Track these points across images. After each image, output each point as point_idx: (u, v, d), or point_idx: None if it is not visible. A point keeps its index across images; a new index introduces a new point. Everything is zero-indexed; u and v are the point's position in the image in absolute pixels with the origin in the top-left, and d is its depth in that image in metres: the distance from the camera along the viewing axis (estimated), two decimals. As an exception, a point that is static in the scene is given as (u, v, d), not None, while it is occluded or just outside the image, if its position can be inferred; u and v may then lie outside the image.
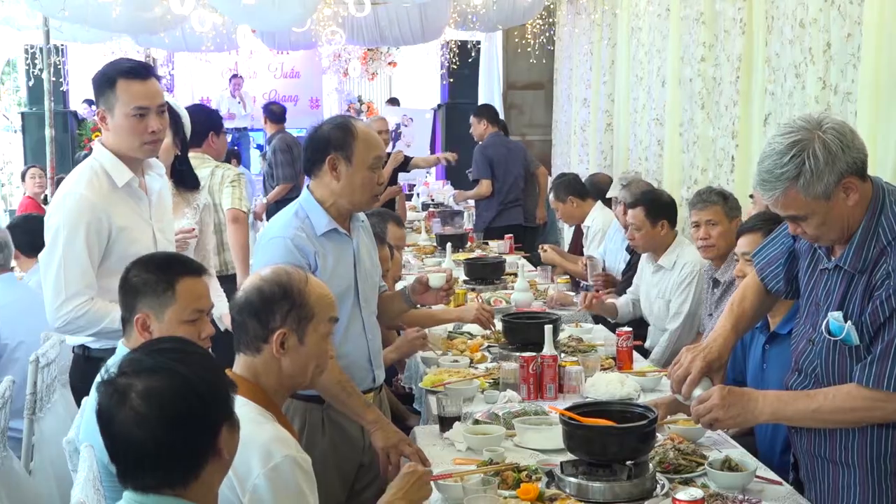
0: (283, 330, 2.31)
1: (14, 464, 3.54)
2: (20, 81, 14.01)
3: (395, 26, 9.63)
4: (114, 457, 1.78)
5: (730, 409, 2.45)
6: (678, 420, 3.09)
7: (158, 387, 1.73)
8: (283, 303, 2.32)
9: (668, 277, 4.68)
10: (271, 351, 2.31)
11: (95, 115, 3.27)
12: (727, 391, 2.47)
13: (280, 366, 2.33)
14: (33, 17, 8.55)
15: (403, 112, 13.43)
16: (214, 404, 1.78)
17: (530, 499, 2.58)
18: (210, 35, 9.04)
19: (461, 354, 4.10)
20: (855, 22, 3.95)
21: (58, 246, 3.12)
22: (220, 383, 1.82)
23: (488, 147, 8.20)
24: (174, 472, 1.75)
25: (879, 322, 2.33)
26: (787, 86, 4.53)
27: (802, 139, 2.30)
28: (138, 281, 2.61)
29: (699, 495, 2.28)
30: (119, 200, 3.21)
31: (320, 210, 3.09)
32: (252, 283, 2.38)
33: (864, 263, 2.36)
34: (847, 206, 2.34)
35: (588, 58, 8.87)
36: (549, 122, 10.64)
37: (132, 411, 1.72)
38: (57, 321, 3.14)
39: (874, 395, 2.34)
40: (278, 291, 2.33)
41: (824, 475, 2.51)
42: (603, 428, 2.66)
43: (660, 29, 6.58)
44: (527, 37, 10.07)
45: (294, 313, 2.32)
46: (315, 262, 3.02)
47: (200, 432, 1.76)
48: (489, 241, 7.49)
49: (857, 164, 2.32)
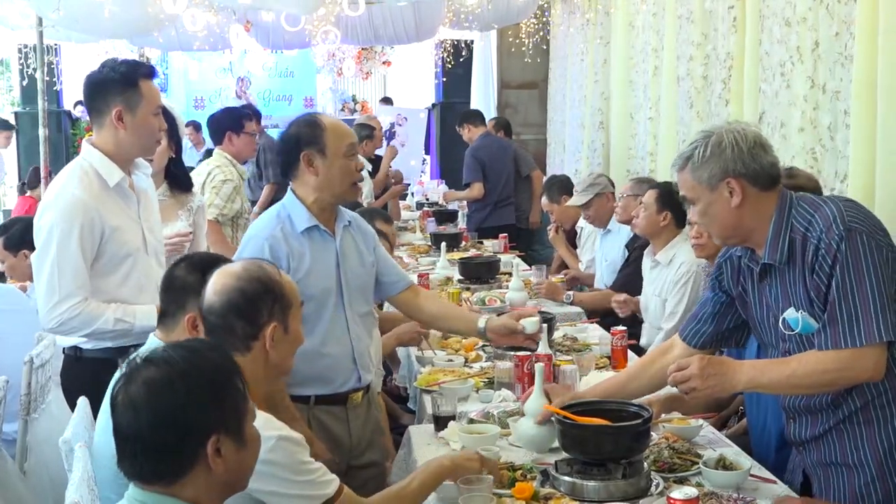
0: (273, 323, 2.33)
1: (8, 465, 3.53)
2: (13, 81, 13.99)
3: (390, 25, 9.63)
4: (115, 439, 1.81)
5: (708, 378, 2.50)
6: (673, 419, 3.09)
7: (156, 377, 1.77)
8: (266, 297, 2.34)
9: (665, 275, 4.68)
10: (262, 346, 2.32)
11: (113, 115, 3.24)
12: (706, 361, 2.52)
13: (267, 358, 2.34)
14: (27, 17, 8.53)
15: (398, 111, 13.41)
16: (206, 408, 1.78)
17: (525, 498, 2.58)
18: (203, 34, 9.02)
19: (456, 353, 4.10)
20: (843, 21, 3.96)
21: (51, 246, 3.11)
22: (222, 390, 1.82)
23: (479, 149, 8.21)
24: (160, 464, 1.77)
25: (823, 293, 2.41)
26: (775, 84, 4.54)
27: (710, 133, 2.55)
28: (193, 280, 2.63)
29: (694, 494, 2.29)
30: (110, 200, 3.22)
31: (302, 207, 3.11)
32: (228, 283, 2.35)
33: (782, 254, 2.48)
34: (729, 206, 2.51)
35: (582, 57, 8.88)
36: (544, 121, 10.64)
37: (129, 396, 1.77)
38: (50, 322, 3.13)
39: (839, 356, 2.40)
40: (260, 287, 2.34)
41: (840, 482, 2.52)
42: (597, 427, 2.66)
43: (655, 28, 6.59)
44: (521, 36, 10.07)
45: (277, 305, 2.35)
46: (287, 265, 3.03)
47: (186, 431, 1.76)
48: (483, 241, 7.49)
49: (747, 170, 2.48)
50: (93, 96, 3.26)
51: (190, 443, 1.77)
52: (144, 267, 3.29)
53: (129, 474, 1.80)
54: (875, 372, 2.39)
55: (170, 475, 1.78)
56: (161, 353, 1.84)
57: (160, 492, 1.79)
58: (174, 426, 1.75)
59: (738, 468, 2.68)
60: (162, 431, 1.75)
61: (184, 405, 1.76)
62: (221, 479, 1.82)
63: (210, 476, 1.80)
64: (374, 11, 9.33)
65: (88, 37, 9.58)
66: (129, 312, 3.18)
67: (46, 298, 3.12)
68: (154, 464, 1.77)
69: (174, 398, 1.76)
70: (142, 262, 3.28)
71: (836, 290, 2.38)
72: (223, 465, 1.80)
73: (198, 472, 1.79)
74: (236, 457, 1.83)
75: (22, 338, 4.04)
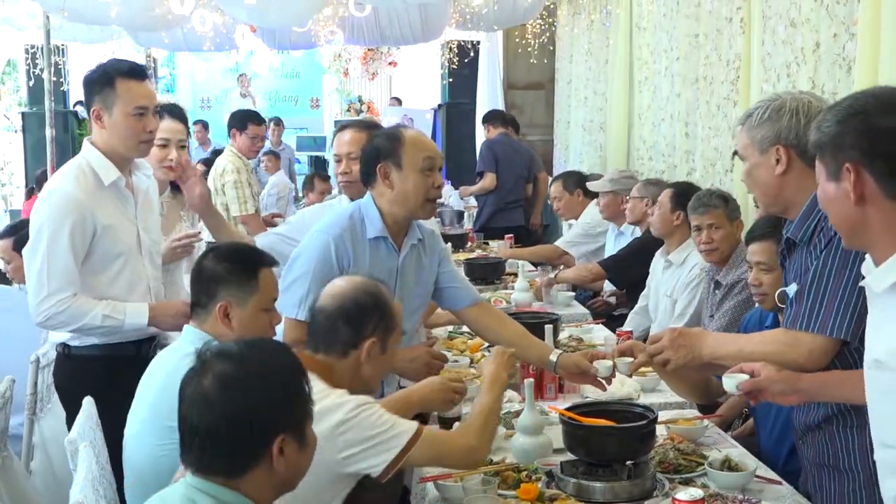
0: (373, 339, 2.44)
1: (15, 464, 3.54)
2: (20, 81, 14.02)
3: (396, 26, 9.63)
4: (180, 429, 1.85)
5: (678, 349, 2.59)
6: (678, 420, 3.09)
7: (231, 373, 1.81)
8: (374, 313, 2.47)
9: (678, 275, 4.69)
10: (358, 357, 2.44)
11: (89, 115, 3.28)
12: (677, 333, 2.63)
13: (359, 372, 2.45)
14: (34, 17, 8.56)
15: (404, 112, 13.43)
16: (277, 408, 1.82)
17: (530, 499, 2.58)
18: (210, 35, 9.03)
19: (461, 354, 4.10)
20: (841, 22, 3.95)
21: (42, 241, 3.13)
22: (292, 392, 1.86)
23: (495, 144, 8.34)
24: (226, 459, 1.80)
25: (809, 272, 2.43)
26: (779, 86, 4.53)
27: (778, 96, 2.53)
28: (221, 269, 2.71)
29: (699, 495, 2.28)
30: (105, 199, 3.22)
31: (377, 215, 3.07)
32: (344, 291, 2.49)
33: (805, 233, 2.47)
34: (773, 172, 2.48)
35: (588, 57, 8.88)
36: (551, 122, 10.64)
37: (201, 390, 1.81)
38: (38, 316, 3.15)
39: (786, 337, 2.45)
40: (370, 302, 2.48)
41: (831, 484, 2.50)
42: (603, 428, 2.66)
43: (664, 28, 6.58)
44: (527, 37, 10.07)
45: (382, 324, 2.48)
46: (345, 267, 3.00)
47: (256, 429, 1.80)
48: (489, 242, 7.49)
49: (798, 141, 2.43)
50: (84, 95, 3.29)
51: (258, 441, 1.80)
52: (136, 266, 3.29)
53: (190, 465, 1.83)
54: (808, 361, 2.39)
55: (233, 470, 1.81)
56: (235, 349, 1.88)
57: (221, 483, 1.81)
58: (245, 423, 1.79)
59: (743, 469, 2.68)
60: (232, 427, 1.78)
61: (257, 404, 1.80)
62: (280, 478, 1.86)
63: (271, 474, 1.83)
64: (380, 12, 9.32)
65: (95, 37, 9.60)
66: (118, 310, 3.18)
67: (35, 292, 3.14)
68: (220, 457, 1.80)
69: (248, 396, 1.80)
70: (133, 262, 3.28)
71: (814, 272, 2.40)
72: (284, 465, 1.84)
73: (260, 469, 1.82)
74: (297, 457, 1.87)
75: (24, 341, 4.05)
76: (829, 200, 1.99)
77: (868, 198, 1.89)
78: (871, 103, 1.93)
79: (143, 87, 3.24)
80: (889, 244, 1.89)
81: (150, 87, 3.30)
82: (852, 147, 1.90)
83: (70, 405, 3.19)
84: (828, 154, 1.96)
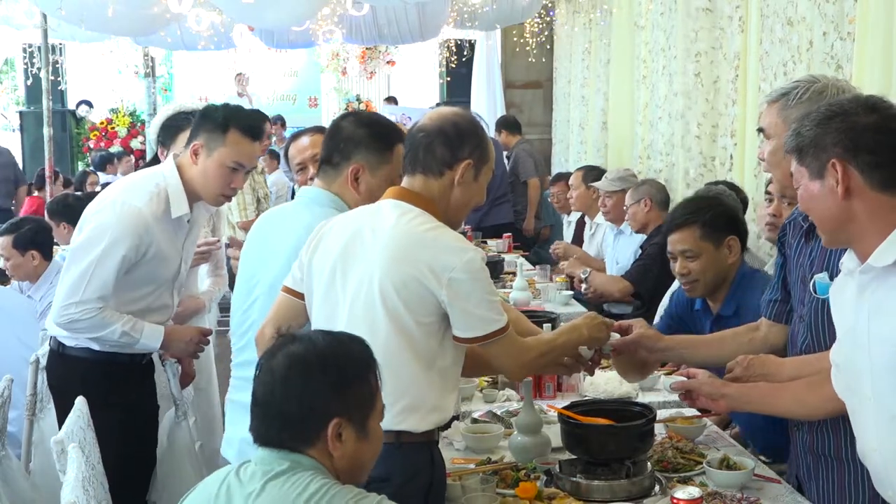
0: (469, 161, 2.44)
1: (13, 463, 3.54)
2: (18, 80, 14.01)
3: (394, 25, 9.63)
4: (251, 402, 1.93)
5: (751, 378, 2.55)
6: (677, 419, 3.10)
7: (297, 353, 1.90)
8: (473, 137, 2.46)
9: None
10: (452, 178, 2.43)
11: (190, 148, 3.19)
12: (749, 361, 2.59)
13: (451, 194, 2.45)
14: (31, 16, 8.55)
15: (402, 111, 13.42)
16: (329, 392, 1.87)
17: (529, 498, 2.58)
18: (208, 34, 9.03)
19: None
20: (831, 21, 3.96)
21: (95, 248, 3.10)
22: (351, 380, 1.91)
23: None
24: (285, 431, 1.87)
25: None
26: (776, 85, 4.54)
27: (817, 79, 2.49)
28: (359, 133, 2.77)
29: (697, 494, 2.28)
30: (167, 229, 3.21)
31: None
32: (447, 114, 2.49)
33: None
34: None
35: (586, 56, 8.88)
36: (549, 121, 10.64)
37: (271, 365, 1.90)
38: (61, 317, 3.13)
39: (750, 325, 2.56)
40: (471, 128, 2.46)
41: (829, 473, 2.49)
42: (601, 427, 2.66)
43: (662, 27, 6.58)
44: (525, 36, 10.08)
45: (479, 150, 2.46)
46: None
47: (309, 408, 1.86)
48: (487, 241, 7.49)
49: None
50: (194, 124, 3.23)
51: (312, 419, 1.87)
52: (163, 295, 3.31)
53: (259, 437, 1.90)
54: None
55: (295, 442, 1.88)
56: (309, 334, 2.00)
57: (290, 450, 1.88)
58: (298, 400, 1.87)
59: (741, 468, 2.68)
60: (288, 402, 1.87)
61: (308, 384, 1.87)
62: (339, 463, 1.90)
63: (329, 457, 1.89)
64: (379, 11, 9.33)
65: (93, 36, 9.59)
66: (136, 329, 3.18)
67: (67, 293, 3.11)
68: (281, 430, 1.88)
69: (304, 376, 1.87)
70: (162, 290, 3.30)
71: None
72: (341, 450, 1.88)
73: (320, 448, 1.88)
74: (355, 446, 1.90)
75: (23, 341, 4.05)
76: (814, 199, 2.06)
77: (854, 191, 1.99)
78: (849, 106, 2.04)
79: (251, 147, 3.19)
80: (878, 232, 1.99)
81: (257, 149, 3.23)
82: (835, 145, 2.00)
83: (61, 403, 3.19)
84: (809, 155, 2.05)
